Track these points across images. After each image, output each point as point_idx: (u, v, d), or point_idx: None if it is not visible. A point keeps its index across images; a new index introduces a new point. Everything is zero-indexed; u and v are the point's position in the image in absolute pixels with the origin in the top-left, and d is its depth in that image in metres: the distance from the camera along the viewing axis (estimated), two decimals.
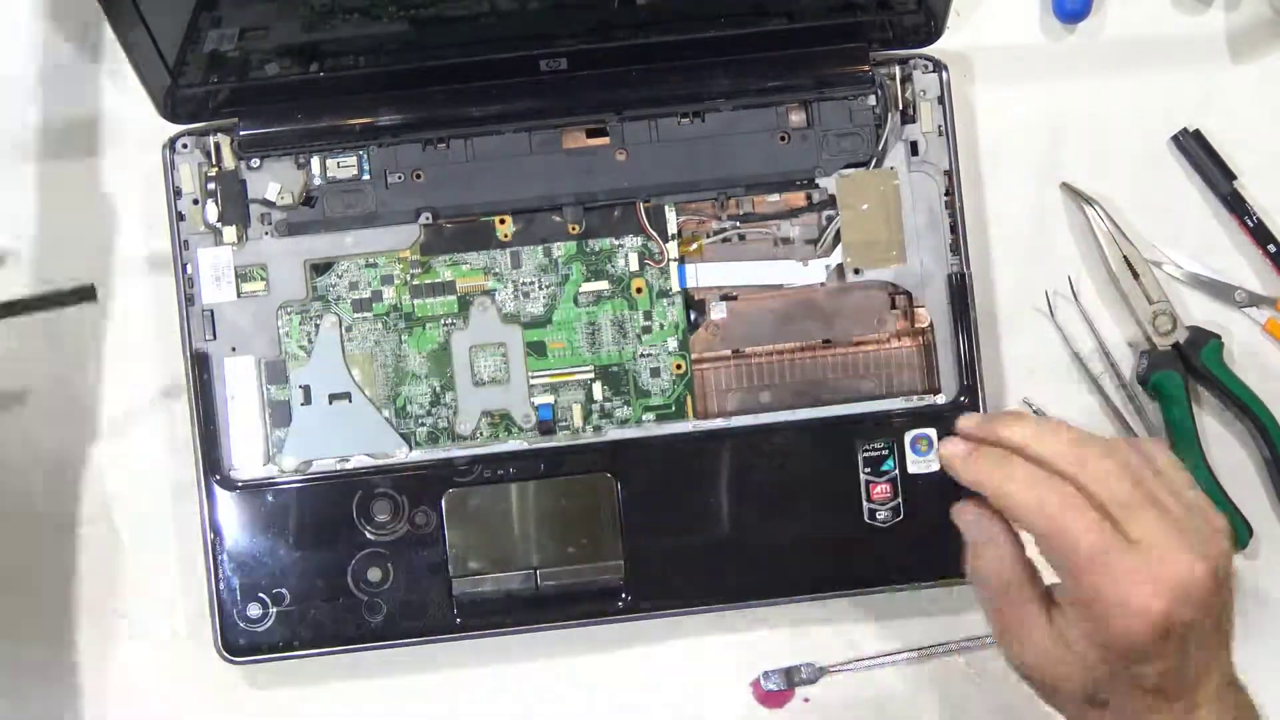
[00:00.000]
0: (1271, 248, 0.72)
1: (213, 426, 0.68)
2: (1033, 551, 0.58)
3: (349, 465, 0.68)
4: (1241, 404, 0.71)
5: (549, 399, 0.69)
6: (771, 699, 0.71)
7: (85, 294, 0.66)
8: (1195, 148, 0.72)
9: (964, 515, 0.60)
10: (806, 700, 0.71)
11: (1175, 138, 0.72)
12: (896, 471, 0.68)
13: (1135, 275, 0.71)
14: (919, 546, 0.68)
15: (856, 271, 0.69)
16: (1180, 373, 0.71)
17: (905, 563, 0.68)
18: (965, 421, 0.60)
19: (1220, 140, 0.72)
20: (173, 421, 0.70)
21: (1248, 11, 0.73)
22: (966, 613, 0.71)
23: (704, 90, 0.68)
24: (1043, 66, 0.73)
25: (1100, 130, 0.72)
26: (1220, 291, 0.72)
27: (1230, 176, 0.72)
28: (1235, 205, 0.72)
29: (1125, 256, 0.71)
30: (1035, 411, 0.71)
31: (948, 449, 0.59)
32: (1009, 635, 0.58)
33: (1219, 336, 0.71)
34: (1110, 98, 0.72)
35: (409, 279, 0.69)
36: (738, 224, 0.70)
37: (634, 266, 0.69)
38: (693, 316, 0.70)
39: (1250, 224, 0.72)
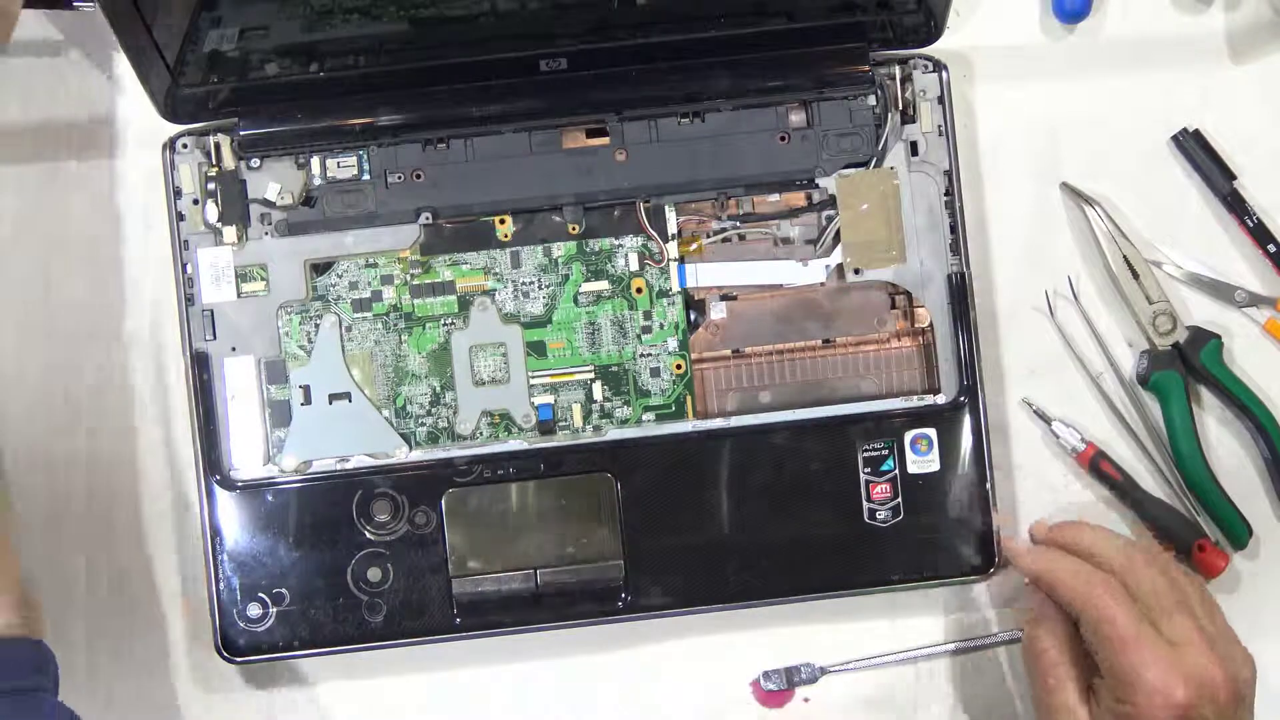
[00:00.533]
0: (1271, 247, 0.72)
1: (213, 426, 0.68)
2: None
3: (349, 465, 0.68)
4: (1241, 404, 0.71)
5: (549, 399, 0.69)
6: (771, 699, 0.71)
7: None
8: (1195, 148, 0.72)
9: (1033, 595, 0.66)
10: (807, 700, 0.71)
11: (1175, 138, 0.72)
12: (896, 471, 0.68)
13: (1135, 275, 0.71)
14: (919, 546, 0.68)
15: (856, 271, 0.69)
16: (1180, 373, 0.71)
17: (905, 562, 0.68)
18: (1034, 527, 0.68)
19: (1220, 140, 0.72)
20: (173, 421, 0.70)
21: (1248, 11, 0.73)
22: (965, 612, 0.71)
23: (704, 90, 0.68)
24: (1043, 66, 0.73)
25: (1100, 130, 0.72)
26: (1220, 291, 0.72)
27: (1230, 176, 0.72)
28: (1235, 205, 0.72)
29: (1125, 256, 0.71)
30: (1035, 412, 0.71)
31: (1012, 544, 0.67)
32: (1047, 708, 0.64)
33: (1219, 336, 0.71)
34: (1110, 98, 0.72)
35: (409, 279, 0.69)
36: (738, 224, 0.70)
37: (634, 266, 0.69)
38: (692, 316, 0.70)
39: (1250, 224, 0.72)
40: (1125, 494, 0.71)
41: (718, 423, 0.69)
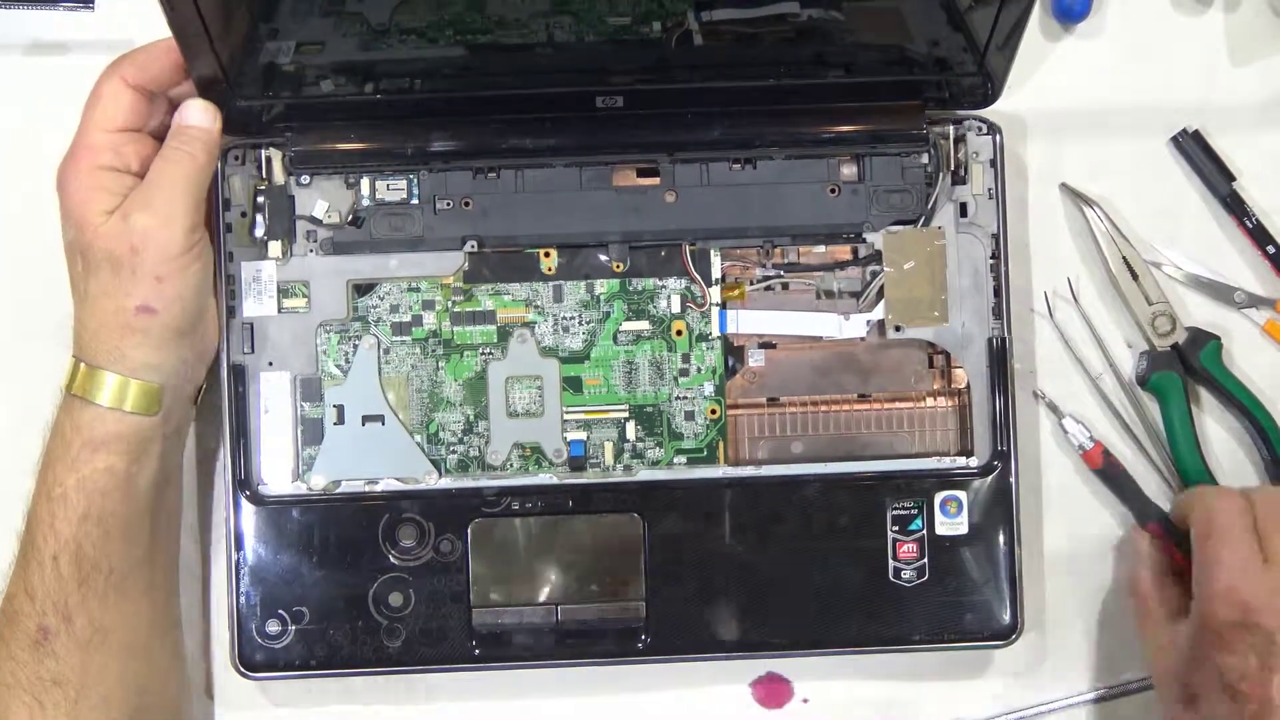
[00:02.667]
0: (1270, 249, 0.72)
1: (245, 440, 0.68)
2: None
3: (377, 488, 0.68)
4: (1241, 405, 0.71)
5: (582, 435, 0.69)
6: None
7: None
8: (1195, 148, 0.72)
9: (1138, 537, 0.69)
10: (805, 700, 0.71)
11: (1175, 138, 0.72)
12: (924, 532, 0.68)
13: (1135, 276, 0.71)
14: (942, 608, 0.68)
15: (897, 329, 0.69)
16: (1180, 373, 0.71)
17: (928, 623, 0.68)
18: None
19: (1220, 141, 0.72)
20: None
21: (1248, 12, 0.73)
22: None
23: (757, 137, 0.68)
24: (1043, 66, 0.72)
25: (1100, 130, 0.72)
26: (1219, 292, 0.72)
27: (1230, 177, 0.72)
28: (1234, 206, 0.72)
29: (1125, 257, 0.71)
30: (1048, 404, 0.71)
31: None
32: (1145, 637, 0.67)
33: (1218, 337, 0.71)
34: (1110, 98, 0.72)
35: (450, 306, 0.69)
36: (782, 273, 0.70)
37: (675, 308, 0.69)
38: (730, 362, 0.70)
39: (1249, 225, 0.72)
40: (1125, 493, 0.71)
41: (748, 470, 0.69)
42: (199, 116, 0.64)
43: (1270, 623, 0.60)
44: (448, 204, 0.69)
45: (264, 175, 0.68)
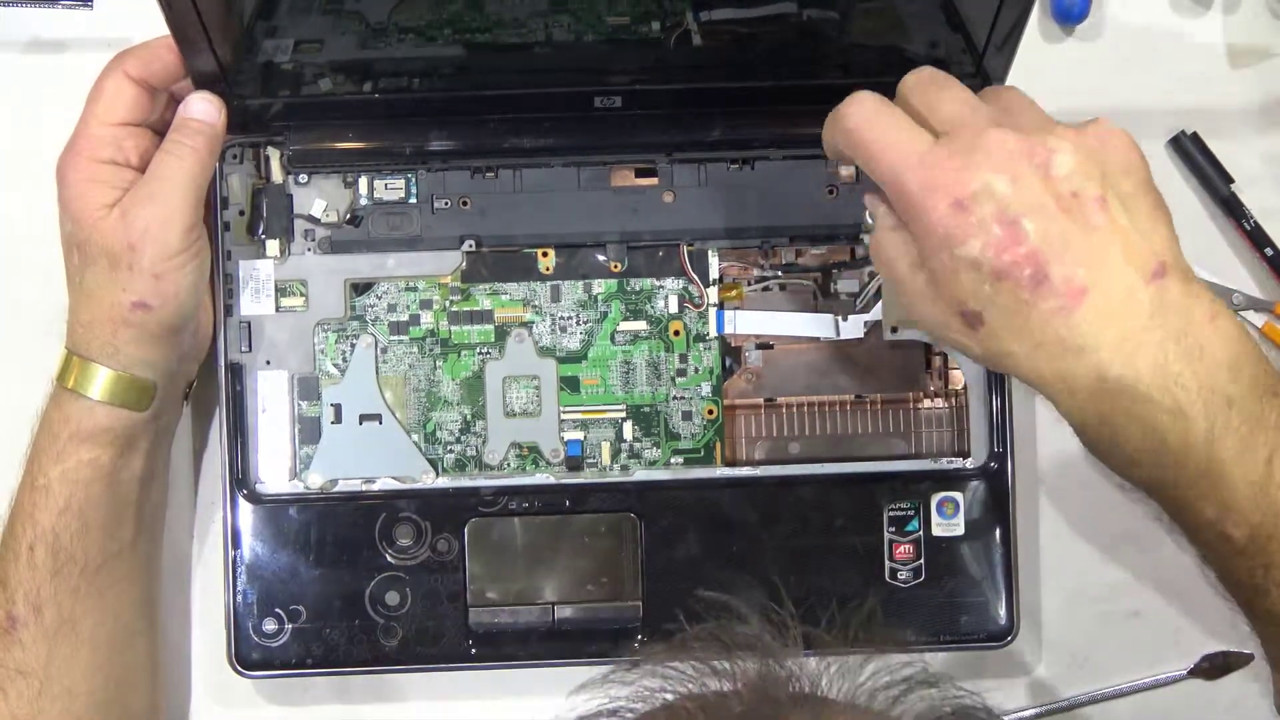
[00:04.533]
0: (1269, 251, 0.72)
1: (242, 439, 0.68)
2: None
3: (374, 487, 0.68)
4: None
5: (579, 435, 0.69)
6: None
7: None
8: (1193, 150, 0.72)
9: (872, 201, 0.58)
10: None
11: (1173, 140, 0.72)
12: (920, 533, 0.69)
13: None
14: (939, 609, 0.68)
15: (894, 330, 0.69)
16: None
17: (924, 624, 0.68)
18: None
19: (1218, 143, 0.72)
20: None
21: (1247, 13, 0.73)
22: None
23: (755, 138, 0.68)
24: (1040, 68, 0.72)
25: None
26: (1217, 294, 0.71)
27: (1228, 180, 0.72)
28: (1233, 208, 0.72)
29: None
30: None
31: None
32: (901, 293, 0.56)
33: None
34: (1108, 100, 0.72)
35: (448, 305, 0.69)
36: (780, 273, 0.70)
37: (673, 309, 0.69)
38: (728, 363, 0.70)
39: (1247, 227, 0.72)
40: None
41: (745, 471, 0.69)
42: (203, 109, 0.63)
43: (978, 181, 0.51)
44: (446, 203, 0.69)
45: (262, 174, 0.68)
